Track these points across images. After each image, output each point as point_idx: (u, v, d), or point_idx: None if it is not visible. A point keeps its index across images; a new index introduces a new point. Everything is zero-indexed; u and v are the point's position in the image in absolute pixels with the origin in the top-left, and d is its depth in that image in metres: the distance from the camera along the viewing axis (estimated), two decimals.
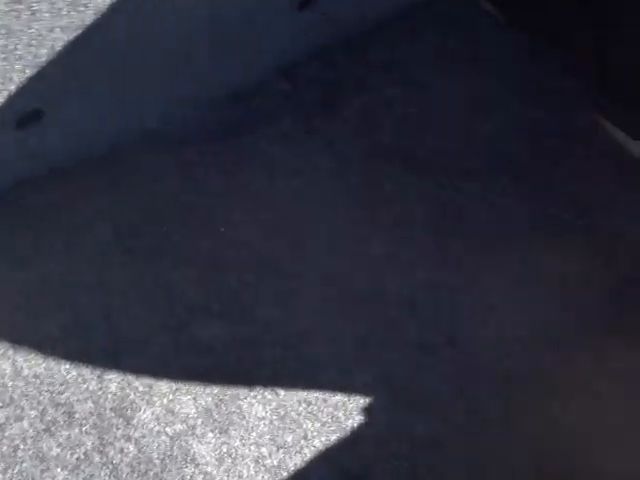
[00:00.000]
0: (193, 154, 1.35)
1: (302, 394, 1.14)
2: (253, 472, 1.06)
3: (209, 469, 1.06)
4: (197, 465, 1.06)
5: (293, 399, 1.13)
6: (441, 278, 1.28)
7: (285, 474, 1.07)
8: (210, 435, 1.09)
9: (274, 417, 1.11)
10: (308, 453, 1.09)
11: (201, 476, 1.05)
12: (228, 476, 1.06)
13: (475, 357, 1.18)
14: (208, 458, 1.07)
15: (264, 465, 1.07)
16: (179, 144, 1.35)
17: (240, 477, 1.06)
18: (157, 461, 1.06)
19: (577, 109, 1.47)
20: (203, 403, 1.11)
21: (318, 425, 1.11)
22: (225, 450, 1.08)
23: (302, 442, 1.10)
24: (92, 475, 1.04)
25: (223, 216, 1.29)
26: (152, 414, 1.09)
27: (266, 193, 1.34)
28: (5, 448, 1.04)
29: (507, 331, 1.20)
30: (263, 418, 1.11)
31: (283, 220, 1.31)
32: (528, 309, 1.23)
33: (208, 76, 1.38)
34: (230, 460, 1.07)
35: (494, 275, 1.27)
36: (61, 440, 1.06)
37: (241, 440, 1.09)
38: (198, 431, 1.09)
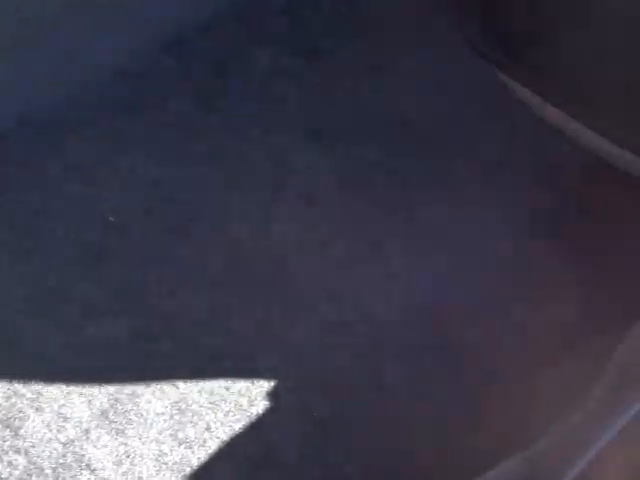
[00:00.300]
0: (75, 140, 1.27)
1: (203, 384, 1.08)
2: (154, 471, 1.01)
3: (106, 473, 1.00)
4: (93, 471, 1.00)
5: (194, 391, 1.08)
6: (351, 252, 1.24)
7: (189, 470, 1.02)
8: (106, 437, 1.03)
9: (174, 411, 1.06)
10: (212, 446, 1.04)
11: None
12: (127, 478, 1.00)
13: (382, 330, 1.13)
14: (105, 462, 1.01)
15: (165, 463, 1.02)
16: (59, 130, 1.28)
17: (140, 478, 1.00)
18: (49, 471, 0.99)
19: (479, 64, 1.43)
20: (98, 404, 1.05)
21: (221, 415, 1.06)
22: (123, 451, 1.02)
23: (205, 435, 1.05)
24: None
25: (111, 206, 1.23)
26: (42, 422, 1.03)
27: (159, 180, 1.28)
28: None
29: (413, 300, 1.16)
30: (162, 414, 1.05)
31: (179, 208, 1.25)
32: (432, 276, 1.19)
33: (85, 55, 1.30)
34: (129, 461, 1.01)
35: (398, 243, 1.22)
36: None
37: (140, 439, 1.03)
38: (93, 435, 1.03)
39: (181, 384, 1.08)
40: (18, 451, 1.00)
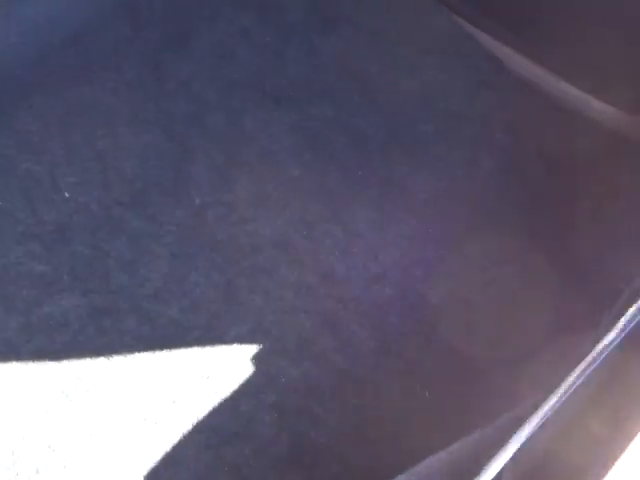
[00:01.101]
0: (25, 112, 1.22)
1: (168, 357, 1.05)
2: (118, 449, 0.98)
3: (68, 453, 0.97)
4: (54, 451, 0.97)
5: (159, 364, 1.04)
6: (310, 213, 1.20)
7: (155, 447, 0.98)
8: (68, 418, 0.99)
9: (139, 387, 1.02)
10: (179, 420, 1.01)
11: (59, 465, 0.96)
12: (90, 457, 0.97)
13: (347, 290, 1.11)
14: (66, 442, 0.97)
15: (130, 440, 0.99)
16: (8, 102, 1.22)
17: (104, 456, 0.97)
18: (9, 453, 0.96)
19: (432, 15, 1.39)
20: (58, 384, 1.02)
21: (188, 389, 1.03)
22: (86, 432, 0.99)
23: (172, 409, 1.01)
24: None
25: (65, 180, 1.18)
26: (1, 406, 0.99)
27: (113, 150, 1.23)
28: None
29: (376, 259, 1.13)
30: (126, 390, 1.02)
31: (134, 178, 1.20)
32: (393, 233, 1.16)
33: (36, 19, 1.24)
34: (92, 440, 0.98)
35: (357, 204, 1.19)
36: None
37: (103, 419, 1.00)
38: (54, 414, 0.99)
39: (145, 358, 1.05)
40: None
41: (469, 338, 1.06)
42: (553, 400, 0.65)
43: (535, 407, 0.68)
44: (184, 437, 0.99)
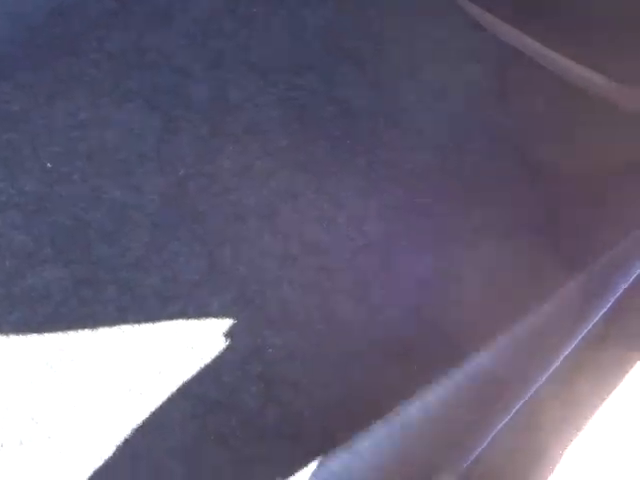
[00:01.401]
0: (7, 84, 1.20)
1: (152, 328, 1.04)
2: (102, 422, 0.97)
3: (51, 425, 0.96)
4: (37, 423, 0.95)
5: (142, 335, 1.03)
6: (297, 183, 1.19)
7: (141, 416, 0.98)
8: (51, 390, 0.98)
9: (123, 357, 1.01)
10: (164, 390, 0.99)
11: (44, 436, 0.95)
12: (73, 429, 0.96)
13: (331, 262, 1.10)
14: (50, 416, 0.96)
15: (115, 411, 0.97)
16: None
17: (88, 428, 0.96)
18: None
19: None
20: (42, 355, 1.00)
21: (173, 358, 1.02)
22: (70, 403, 0.97)
23: (156, 379, 1.00)
24: None
25: (48, 151, 1.16)
26: None
27: (96, 121, 1.21)
28: None
29: (360, 229, 1.12)
30: (111, 360, 1.01)
31: (116, 148, 1.19)
32: (379, 204, 1.14)
33: None
34: (76, 413, 0.97)
35: (344, 174, 1.18)
36: None
37: (87, 390, 0.99)
38: (37, 386, 0.98)
39: (128, 329, 1.03)
40: None
41: (454, 310, 1.05)
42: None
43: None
44: (169, 407, 0.98)
